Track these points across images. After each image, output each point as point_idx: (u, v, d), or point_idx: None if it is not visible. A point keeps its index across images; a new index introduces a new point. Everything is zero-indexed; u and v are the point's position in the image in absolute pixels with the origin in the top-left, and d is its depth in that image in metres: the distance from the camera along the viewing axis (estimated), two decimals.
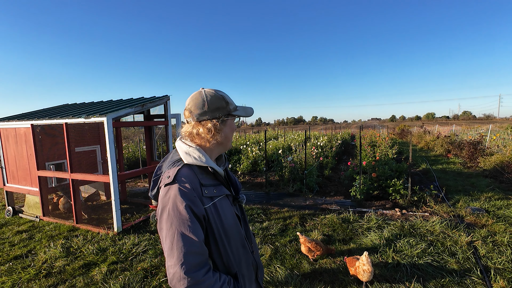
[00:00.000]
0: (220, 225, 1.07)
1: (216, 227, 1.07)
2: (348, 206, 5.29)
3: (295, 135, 18.76)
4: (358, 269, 2.72)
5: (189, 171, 1.06)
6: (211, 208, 1.06)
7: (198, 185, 1.05)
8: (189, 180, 1.03)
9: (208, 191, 1.06)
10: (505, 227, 4.01)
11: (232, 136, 1.20)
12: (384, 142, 10.74)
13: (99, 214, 5.32)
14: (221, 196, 1.12)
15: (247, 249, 1.21)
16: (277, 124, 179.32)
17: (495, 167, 7.55)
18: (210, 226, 1.06)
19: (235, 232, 1.14)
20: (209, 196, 1.06)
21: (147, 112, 5.64)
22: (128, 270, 3.26)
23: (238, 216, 1.19)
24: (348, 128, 38.66)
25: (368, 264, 2.66)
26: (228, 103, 1.14)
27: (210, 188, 1.08)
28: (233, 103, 1.17)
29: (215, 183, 1.11)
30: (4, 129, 5.31)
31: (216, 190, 1.10)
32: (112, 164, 4.11)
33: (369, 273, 2.65)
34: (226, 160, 1.29)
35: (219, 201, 1.10)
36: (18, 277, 3.21)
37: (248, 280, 1.19)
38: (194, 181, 1.04)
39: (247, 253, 1.20)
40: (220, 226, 1.07)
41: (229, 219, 1.11)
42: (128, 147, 13.26)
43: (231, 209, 1.15)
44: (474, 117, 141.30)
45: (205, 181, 1.08)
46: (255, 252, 1.30)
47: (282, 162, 7.41)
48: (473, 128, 22.65)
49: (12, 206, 5.54)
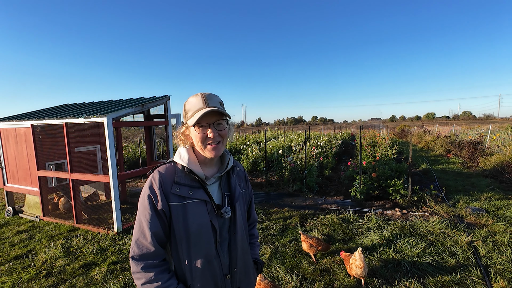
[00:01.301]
0: (183, 228, 1.06)
1: (177, 228, 1.06)
2: (348, 206, 5.29)
3: (295, 135, 18.77)
4: (351, 265, 2.75)
5: (170, 167, 1.11)
6: (177, 207, 1.05)
7: (171, 181, 1.07)
8: (163, 175, 1.07)
9: (180, 190, 1.06)
10: (505, 227, 4.01)
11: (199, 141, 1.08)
12: (384, 142, 10.75)
13: (99, 214, 5.32)
14: (196, 199, 1.07)
15: (214, 267, 1.09)
16: (277, 124, 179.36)
17: (495, 167, 7.55)
18: (172, 225, 1.07)
19: (201, 242, 1.07)
20: (179, 195, 1.06)
21: (147, 112, 5.64)
22: (128, 270, 3.25)
23: (213, 227, 1.09)
24: (348, 128, 38.67)
25: (360, 259, 2.67)
26: (186, 112, 1.12)
27: (184, 188, 1.07)
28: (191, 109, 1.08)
29: (194, 185, 1.08)
30: (4, 129, 5.32)
31: (192, 192, 1.07)
32: (112, 164, 4.11)
33: (361, 269, 2.66)
34: (227, 165, 1.18)
35: (192, 204, 1.07)
36: (18, 277, 3.21)
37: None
38: (169, 176, 1.07)
39: (212, 270, 1.09)
40: (182, 228, 1.06)
41: (194, 225, 1.05)
42: (128, 147, 13.26)
43: (203, 217, 1.07)
44: (474, 117, 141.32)
45: (182, 180, 1.08)
46: (233, 278, 1.15)
47: (282, 162, 7.41)
48: (473, 128, 22.66)
49: (12, 206, 5.54)
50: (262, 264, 1.40)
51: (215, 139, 1.07)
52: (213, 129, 1.07)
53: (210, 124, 1.07)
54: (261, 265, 1.38)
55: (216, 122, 1.08)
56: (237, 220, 1.17)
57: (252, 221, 1.42)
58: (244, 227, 1.26)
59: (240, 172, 1.30)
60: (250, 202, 1.37)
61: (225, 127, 1.10)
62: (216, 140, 1.08)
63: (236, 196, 1.17)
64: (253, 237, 1.41)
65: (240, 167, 1.33)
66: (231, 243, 1.15)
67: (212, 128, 1.07)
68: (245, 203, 1.31)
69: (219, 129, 1.09)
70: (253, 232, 1.42)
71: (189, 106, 1.10)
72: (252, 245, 1.39)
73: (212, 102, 1.07)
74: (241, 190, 1.26)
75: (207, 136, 1.07)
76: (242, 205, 1.25)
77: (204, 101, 1.07)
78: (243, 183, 1.30)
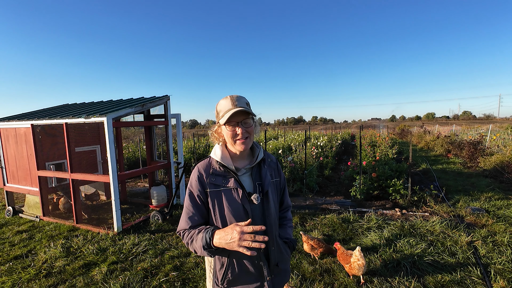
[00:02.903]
0: (219, 210, 1.27)
1: (214, 210, 1.28)
2: (348, 206, 5.29)
3: (295, 135, 18.77)
4: (353, 264, 2.78)
5: (207, 162, 1.33)
6: (213, 193, 1.27)
7: (207, 173, 1.28)
8: (201, 168, 1.30)
9: (215, 179, 1.27)
10: (505, 227, 4.01)
11: (230, 137, 1.27)
12: (384, 142, 10.74)
13: (99, 214, 5.32)
14: (229, 187, 1.26)
15: None
16: (277, 124, 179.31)
17: (495, 167, 7.55)
18: (209, 206, 1.29)
19: (234, 222, 1.23)
20: (215, 183, 1.27)
21: (147, 112, 5.64)
22: (128, 270, 3.26)
23: (245, 210, 1.25)
24: (348, 128, 38.66)
25: (362, 258, 2.75)
26: (217, 112, 1.30)
27: (218, 178, 1.27)
28: (222, 110, 1.26)
29: (227, 175, 1.28)
30: (4, 129, 5.31)
31: (226, 181, 1.27)
32: (112, 164, 4.11)
33: (363, 267, 2.74)
34: (257, 158, 1.35)
35: (226, 191, 1.26)
36: (18, 277, 3.21)
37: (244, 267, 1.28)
38: (206, 169, 1.29)
39: None
40: (218, 211, 1.27)
41: (226, 209, 1.25)
42: (128, 147, 13.26)
43: (235, 202, 1.25)
44: (474, 117, 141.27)
45: (217, 171, 1.29)
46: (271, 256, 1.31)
47: (282, 162, 7.41)
48: (473, 128, 22.65)
49: (12, 206, 5.54)
50: (294, 242, 1.51)
51: (243, 135, 1.24)
52: (241, 126, 1.24)
53: (239, 123, 1.23)
54: (293, 242, 1.49)
55: (243, 120, 1.24)
56: (270, 206, 1.32)
57: (286, 206, 1.55)
58: (276, 212, 1.41)
59: (272, 163, 1.45)
60: (283, 189, 1.52)
61: (251, 124, 1.27)
62: (244, 136, 1.25)
63: (266, 185, 1.32)
64: (286, 219, 1.54)
65: (272, 158, 1.49)
66: (266, 225, 1.29)
67: (240, 126, 1.23)
68: (277, 191, 1.46)
69: (246, 126, 1.25)
70: (286, 215, 1.55)
71: (220, 108, 1.27)
72: (285, 226, 1.51)
73: (240, 103, 1.24)
74: (273, 179, 1.41)
75: (236, 133, 1.24)
76: (273, 192, 1.39)
77: (233, 102, 1.24)
78: (275, 173, 1.45)
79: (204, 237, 1.16)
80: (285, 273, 1.41)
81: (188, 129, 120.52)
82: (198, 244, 1.18)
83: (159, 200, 5.15)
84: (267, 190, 1.31)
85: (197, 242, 1.18)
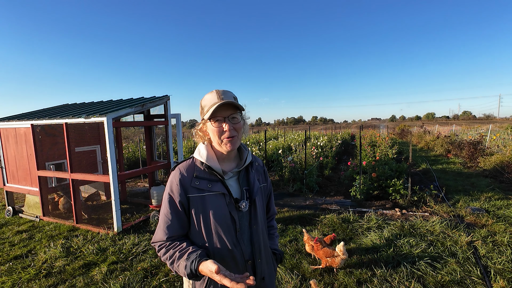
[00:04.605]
0: (203, 218, 1.13)
1: (197, 217, 1.14)
2: (348, 206, 5.29)
3: (295, 135, 18.77)
4: (337, 258, 2.93)
5: (190, 163, 1.19)
6: (197, 199, 1.13)
7: (191, 176, 1.14)
8: (183, 170, 1.16)
9: (199, 183, 1.13)
10: (505, 227, 4.01)
11: (216, 134, 1.13)
12: (384, 142, 10.74)
13: (99, 214, 5.32)
14: (214, 192, 1.14)
15: (234, 254, 1.15)
16: (277, 124, 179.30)
17: (495, 167, 7.55)
18: (191, 213, 1.14)
19: (221, 231, 1.13)
20: (198, 188, 1.13)
21: (147, 112, 5.64)
22: (128, 270, 3.26)
23: (233, 218, 1.15)
24: (348, 128, 38.67)
25: (346, 253, 2.94)
26: (202, 108, 1.18)
27: (203, 181, 1.14)
28: (207, 105, 1.13)
29: (212, 178, 1.15)
30: (4, 129, 5.31)
31: (211, 185, 1.14)
32: (112, 164, 4.11)
33: (345, 260, 2.94)
34: (245, 161, 1.23)
35: (211, 196, 1.13)
36: (18, 277, 3.21)
37: None
38: (188, 172, 1.15)
39: (233, 257, 1.14)
40: (202, 219, 1.13)
41: (212, 217, 1.12)
42: (128, 147, 13.25)
43: (222, 208, 1.13)
44: (474, 117, 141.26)
45: (201, 174, 1.15)
46: (257, 268, 1.19)
47: (282, 162, 7.41)
48: (473, 128, 22.65)
49: (12, 206, 5.54)
50: (282, 254, 1.43)
51: (230, 132, 1.12)
52: (228, 122, 1.12)
53: (225, 118, 1.11)
54: (281, 255, 1.42)
55: (231, 115, 1.12)
56: (258, 214, 1.22)
57: (271, 214, 1.47)
58: (263, 220, 1.30)
59: (259, 167, 1.34)
60: (269, 195, 1.42)
61: (240, 121, 1.15)
62: (232, 134, 1.12)
63: (255, 191, 1.21)
64: (272, 228, 1.46)
65: (260, 162, 1.37)
66: (253, 235, 1.20)
67: (227, 122, 1.11)
68: (264, 197, 1.35)
69: (233, 122, 1.13)
70: (272, 223, 1.47)
71: (205, 102, 1.15)
72: (271, 236, 1.44)
73: (226, 97, 1.12)
74: (260, 184, 1.30)
75: (223, 129, 1.12)
76: (261, 199, 1.28)
77: (219, 96, 1.12)
78: (262, 177, 1.34)
79: (188, 267, 1.02)
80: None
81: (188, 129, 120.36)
82: (181, 270, 1.05)
83: (159, 200, 5.15)
84: (255, 196, 1.21)
85: (180, 269, 1.06)
